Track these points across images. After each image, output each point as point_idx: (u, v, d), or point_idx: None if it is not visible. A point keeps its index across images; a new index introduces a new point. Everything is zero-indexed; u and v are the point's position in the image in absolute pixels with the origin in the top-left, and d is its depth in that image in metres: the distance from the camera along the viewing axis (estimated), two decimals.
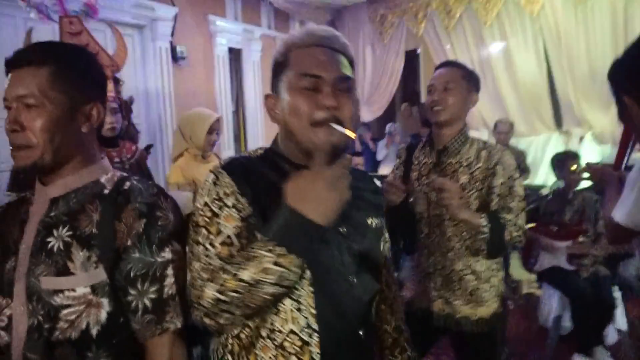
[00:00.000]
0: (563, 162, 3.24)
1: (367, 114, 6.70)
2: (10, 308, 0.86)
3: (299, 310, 0.82)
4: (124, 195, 0.88)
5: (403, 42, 6.13)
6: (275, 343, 0.82)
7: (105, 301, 0.85)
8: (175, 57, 4.57)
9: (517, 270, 3.63)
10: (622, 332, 2.95)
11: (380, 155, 6.45)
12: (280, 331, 0.82)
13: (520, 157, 4.39)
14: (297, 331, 0.81)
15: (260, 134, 5.57)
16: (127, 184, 0.91)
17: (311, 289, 0.83)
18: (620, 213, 1.43)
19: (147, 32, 4.45)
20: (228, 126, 5.15)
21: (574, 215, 3.13)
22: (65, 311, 0.83)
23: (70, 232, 0.86)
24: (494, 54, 5.46)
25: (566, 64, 4.98)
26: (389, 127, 6.40)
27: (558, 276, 3.07)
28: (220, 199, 0.84)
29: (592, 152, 4.78)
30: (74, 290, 0.84)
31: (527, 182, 4.34)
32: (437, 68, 1.76)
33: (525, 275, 3.59)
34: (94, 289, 0.84)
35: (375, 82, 6.49)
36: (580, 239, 3.05)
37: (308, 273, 0.83)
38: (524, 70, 5.26)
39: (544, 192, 3.38)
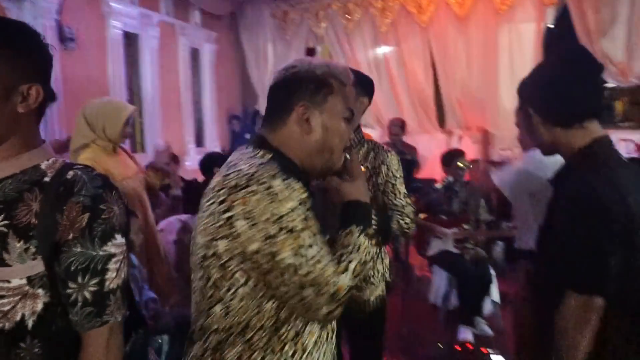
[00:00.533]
0: (451, 159, 3.67)
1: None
2: None
3: None
4: (66, 186, 0.84)
5: (304, 39, 6.31)
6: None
7: (41, 292, 0.83)
8: (62, 38, 4.16)
9: (412, 256, 4.02)
10: (496, 303, 3.45)
11: None
12: None
13: (412, 153, 4.84)
14: None
15: (158, 126, 5.32)
16: (71, 173, 0.86)
17: None
18: (497, 177, 2.06)
19: (27, 6, 3.98)
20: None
21: (460, 206, 3.57)
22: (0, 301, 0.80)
23: (6, 222, 0.81)
24: (388, 57, 5.89)
25: (449, 71, 5.59)
26: None
27: (446, 259, 3.48)
28: (303, 203, 0.92)
29: (470, 149, 5.43)
30: (8, 281, 0.80)
31: (419, 175, 4.82)
32: None
33: (419, 260, 4.00)
34: (30, 280, 0.81)
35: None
36: (465, 226, 3.50)
37: None
38: (414, 74, 5.77)
39: (438, 186, 3.78)
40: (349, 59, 6.10)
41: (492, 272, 3.45)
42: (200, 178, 3.45)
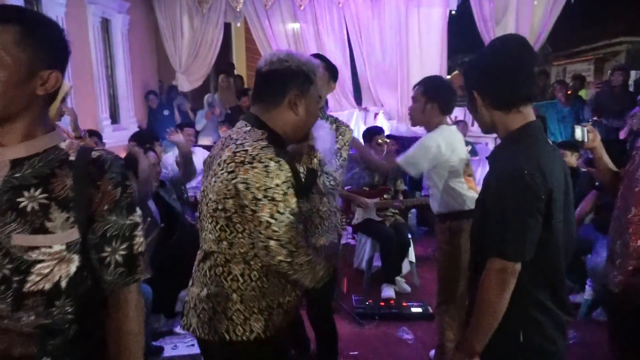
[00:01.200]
0: (371, 135, 4.00)
1: (185, 84, 6.61)
2: None
3: None
4: (96, 165, 0.96)
5: (222, 14, 6.22)
6: None
7: (76, 257, 0.94)
8: None
9: None
10: (412, 263, 3.92)
11: (199, 126, 6.47)
12: None
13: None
14: None
15: (69, 102, 4.98)
16: (95, 153, 0.97)
17: None
18: (400, 158, 2.40)
19: None
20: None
21: (380, 178, 3.94)
22: (39, 265, 0.90)
23: (45, 195, 0.91)
24: (306, 34, 6.05)
25: (364, 50, 5.92)
26: (207, 97, 6.45)
27: (369, 226, 3.84)
28: (287, 181, 1.22)
29: (384, 126, 5.86)
30: (50, 247, 0.91)
31: None
32: None
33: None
34: (68, 246, 0.92)
35: (193, 52, 6.42)
36: (385, 196, 3.88)
37: None
38: (332, 53, 6.00)
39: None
40: (267, 35, 6.17)
41: (409, 236, 3.89)
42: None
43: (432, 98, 2.34)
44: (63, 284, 0.93)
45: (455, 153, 2.34)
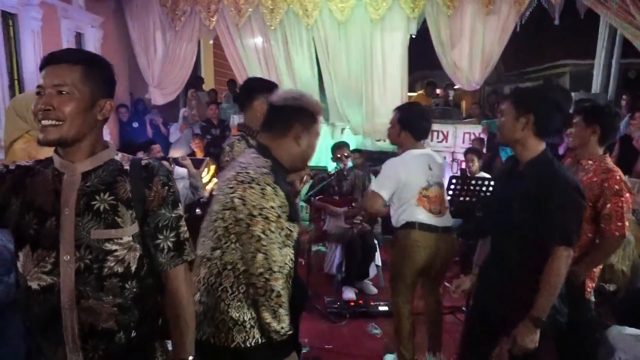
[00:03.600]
0: (338, 149, 4.31)
1: (159, 98, 6.75)
2: (53, 257, 1.10)
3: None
4: (147, 170, 1.19)
5: (196, 31, 6.42)
6: None
7: (138, 246, 1.18)
8: None
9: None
10: (378, 266, 4.23)
11: (172, 138, 6.63)
12: None
13: None
14: None
15: None
16: (144, 162, 1.21)
17: None
18: (372, 186, 2.69)
19: None
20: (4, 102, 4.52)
21: (348, 188, 4.25)
22: (114, 253, 1.13)
23: (112, 197, 1.14)
24: (276, 52, 6.35)
25: (332, 69, 6.28)
26: (183, 111, 6.62)
27: (338, 233, 4.14)
28: (281, 206, 1.39)
29: (351, 141, 6.21)
30: (121, 238, 1.14)
31: (313, 164, 5.41)
32: None
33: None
34: (133, 237, 1.16)
35: (166, 67, 6.58)
36: (353, 204, 4.19)
37: None
38: (301, 71, 6.34)
39: (331, 170, 4.41)
40: (238, 53, 6.42)
41: (375, 242, 4.21)
42: None
43: (406, 126, 2.61)
44: (132, 267, 1.17)
45: (412, 177, 2.56)
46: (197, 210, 3.73)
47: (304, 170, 1.67)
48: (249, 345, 1.43)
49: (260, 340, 1.44)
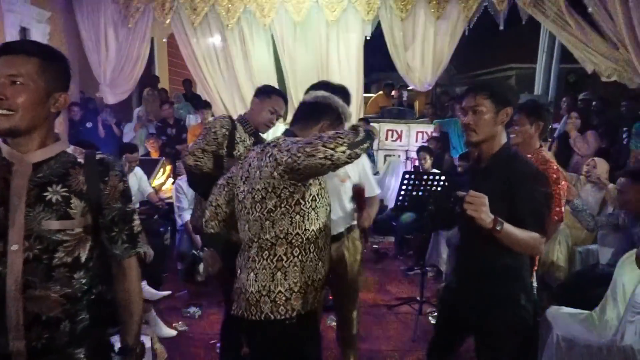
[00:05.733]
0: None
1: (111, 97, 6.56)
2: (0, 246, 1.09)
3: None
4: (102, 164, 1.21)
5: (150, 28, 6.30)
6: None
7: (89, 237, 1.20)
8: None
9: None
10: None
11: (126, 138, 6.45)
12: None
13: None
14: None
15: None
16: (99, 156, 1.23)
17: None
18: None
19: None
20: None
21: None
22: (64, 244, 1.15)
23: (65, 189, 1.15)
24: (234, 52, 6.32)
25: (290, 69, 6.33)
26: (137, 111, 6.47)
27: None
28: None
29: None
30: (72, 230, 1.15)
31: None
32: None
33: None
34: (85, 229, 1.18)
35: (119, 65, 6.41)
36: None
37: None
38: (259, 68, 6.33)
39: None
40: (194, 52, 6.35)
41: None
42: None
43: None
44: (82, 258, 1.19)
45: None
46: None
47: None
48: (307, 310, 1.60)
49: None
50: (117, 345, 1.32)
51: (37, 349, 1.14)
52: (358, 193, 2.18)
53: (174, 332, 3.17)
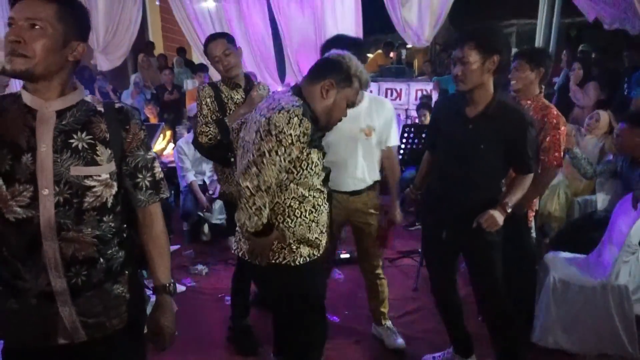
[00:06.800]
0: None
1: (105, 63, 6.50)
2: (30, 191, 1.12)
3: None
4: (122, 113, 1.24)
5: None
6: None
7: (115, 183, 1.23)
8: None
9: None
10: None
11: None
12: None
13: None
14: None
15: None
16: (118, 105, 1.25)
17: None
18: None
19: None
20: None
21: None
22: (93, 189, 1.18)
23: (90, 136, 1.18)
24: (230, 12, 6.21)
25: (286, 29, 6.23)
26: (134, 77, 6.41)
27: None
28: (300, 135, 1.51)
29: None
30: (99, 176, 1.19)
31: None
32: None
33: None
34: (111, 175, 1.21)
35: (111, 30, 6.32)
36: None
37: None
38: (255, 29, 6.24)
39: None
40: (189, 15, 6.24)
41: None
42: None
43: None
44: (109, 202, 1.23)
45: None
46: None
47: (328, 127, 1.71)
48: (306, 261, 1.68)
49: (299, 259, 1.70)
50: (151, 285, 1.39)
51: (78, 286, 1.21)
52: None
53: (182, 288, 3.27)
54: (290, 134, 1.49)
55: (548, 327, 2.43)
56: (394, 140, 2.45)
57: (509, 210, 1.94)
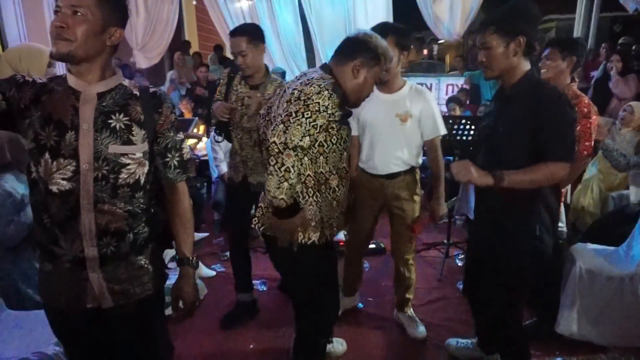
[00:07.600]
0: None
1: (143, 61, 6.76)
2: (73, 166, 1.24)
3: None
4: (156, 97, 1.34)
5: None
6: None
7: (147, 162, 1.33)
8: None
9: None
10: None
11: None
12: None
13: None
14: None
15: None
16: (152, 89, 1.36)
17: None
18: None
19: None
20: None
21: None
22: (127, 166, 1.29)
23: (127, 118, 1.28)
24: (261, 13, 6.34)
25: (316, 26, 6.30)
26: (170, 74, 6.65)
27: None
28: (328, 107, 1.54)
29: None
30: (134, 154, 1.29)
31: None
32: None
33: None
34: (144, 154, 1.32)
35: (149, 29, 6.57)
36: None
37: None
38: (286, 27, 6.34)
39: None
40: (223, 13, 6.41)
41: None
42: None
43: None
44: (141, 180, 1.33)
45: None
46: None
47: (356, 104, 1.75)
48: (322, 242, 1.73)
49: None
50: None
51: (107, 255, 1.31)
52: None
53: (213, 272, 3.40)
54: (318, 102, 1.52)
55: (573, 318, 2.40)
56: (437, 130, 2.44)
57: (502, 183, 1.65)
